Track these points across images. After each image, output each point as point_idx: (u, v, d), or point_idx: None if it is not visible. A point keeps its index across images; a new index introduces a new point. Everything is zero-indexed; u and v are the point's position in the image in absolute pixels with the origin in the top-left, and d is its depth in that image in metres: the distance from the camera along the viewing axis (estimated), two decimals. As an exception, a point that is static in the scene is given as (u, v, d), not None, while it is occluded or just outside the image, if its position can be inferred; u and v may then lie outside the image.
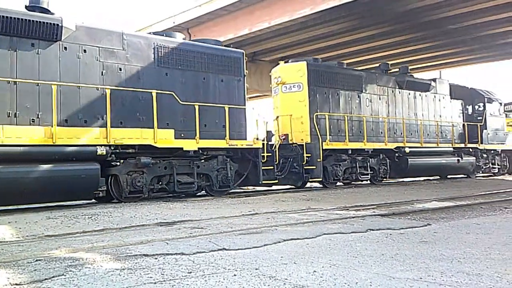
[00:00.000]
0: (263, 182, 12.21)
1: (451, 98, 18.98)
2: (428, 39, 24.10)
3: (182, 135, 10.71)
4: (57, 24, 9.20)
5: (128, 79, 10.18)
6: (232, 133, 11.54)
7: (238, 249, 4.47)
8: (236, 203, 9.47)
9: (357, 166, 14.97)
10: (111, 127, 9.59)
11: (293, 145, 13.54)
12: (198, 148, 10.91)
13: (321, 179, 13.89)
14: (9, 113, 8.53)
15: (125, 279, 3.38)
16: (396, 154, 16.25)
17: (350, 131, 14.87)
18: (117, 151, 9.76)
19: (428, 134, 17.62)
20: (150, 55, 10.59)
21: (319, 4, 18.24)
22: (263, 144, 12.27)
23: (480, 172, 20.02)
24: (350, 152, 14.74)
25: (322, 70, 14.65)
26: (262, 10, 19.83)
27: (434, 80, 18.70)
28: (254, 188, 13.66)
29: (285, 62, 15.36)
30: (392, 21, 21.21)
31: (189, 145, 10.77)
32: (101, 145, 9.42)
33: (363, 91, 15.59)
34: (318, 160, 13.61)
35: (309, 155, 13.53)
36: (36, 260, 4.07)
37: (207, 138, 11.09)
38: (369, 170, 15.36)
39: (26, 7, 9.29)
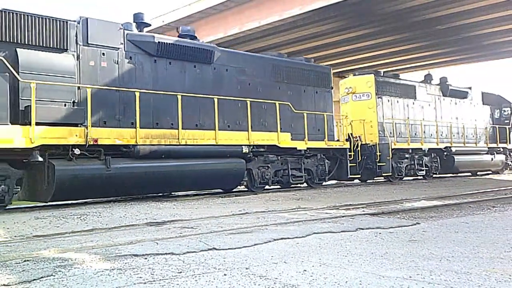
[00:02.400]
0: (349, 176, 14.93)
1: (482, 104, 21.96)
2: (417, 40, 24.27)
3: (295, 137, 13.23)
4: (211, 51, 11.81)
5: (253, 92, 12.59)
6: (328, 136, 14.27)
7: (229, 248, 4.47)
8: (226, 203, 9.46)
9: (415, 163, 17.66)
10: (254, 130, 12.31)
11: (369, 145, 16.10)
12: (307, 148, 13.48)
13: (390, 174, 16.37)
14: (187, 121, 10.95)
15: (115, 279, 3.36)
16: (445, 153, 18.98)
17: (409, 133, 17.54)
18: (253, 150, 12.20)
19: (466, 136, 20.42)
20: (267, 72, 13.14)
21: (308, 4, 18.29)
22: (350, 144, 14.98)
23: (509, 169, 23.04)
24: (410, 151, 17.44)
25: (386, 81, 17.43)
26: (252, 10, 19.84)
27: (470, 88, 21.37)
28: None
29: (353, 75, 18.12)
30: (381, 22, 21.33)
31: (301, 145, 13.37)
32: (245, 145, 11.97)
33: (416, 98, 18.38)
34: (388, 158, 16.18)
35: (380, 153, 16.06)
36: (25, 261, 4.03)
37: (311, 140, 13.62)
38: (424, 166, 18.05)
39: (179, 35, 11.95)
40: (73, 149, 9.06)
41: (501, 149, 22.24)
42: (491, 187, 13.16)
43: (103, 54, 10.06)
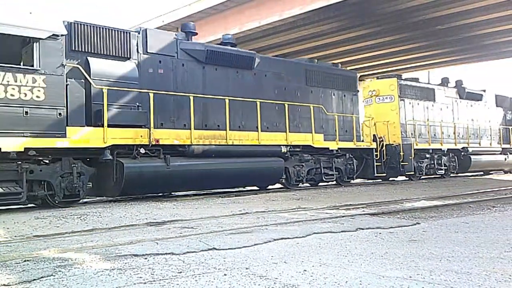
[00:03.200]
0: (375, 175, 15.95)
1: (496, 106, 22.86)
2: (417, 40, 24.26)
3: (326, 138, 14.18)
4: (252, 58, 12.81)
5: (289, 96, 13.53)
6: (356, 137, 15.28)
7: (229, 248, 4.47)
8: (226, 203, 9.46)
9: (435, 163, 18.55)
10: (292, 132, 13.24)
11: (393, 145, 16.99)
12: (338, 148, 14.40)
13: (413, 173, 17.25)
14: (223, 122, 11.75)
15: (115, 279, 3.36)
16: (462, 153, 19.89)
17: (429, 134, 18.45)
18: (290, 150, 13.09)
19: (481, 137, 21.42)
20: (301, 77, 14.06)
21: (308, 4, 18.29)
22: (376, 145, 15.98)
23: None
24: (430, 151, 18.35)
25: (407, 85, 18.32)
26: (252, 10, 19.84)
27: (484, 91, 22.27)
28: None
29: (377, 78, 19.17)
30: (381, 22, 21.32)
31: (333, 145, 14.28)
32: (283, 145, 12.89)
33: (435, 101, 19.28)
34: (410, 157, 17.01)
35: (403, 153, 16.97)
36: (25, 261, 4.03)
37: (341, 141, 14.53)
38: (443, 166, 18.94)
39: (221, 42, 13.00)
40: (139, 149, 10.08)
41: None
42: (491, 187, 13.16)
43: (160, 61, 11.03)
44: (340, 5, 18.27)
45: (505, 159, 22.30)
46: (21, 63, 8.74)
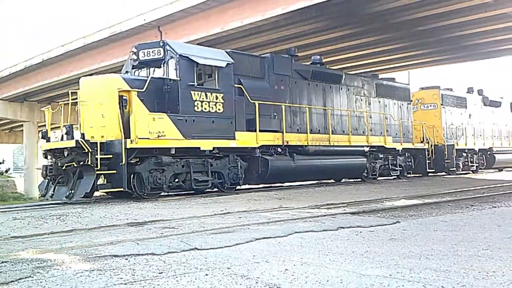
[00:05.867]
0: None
1: (510, 111, 26.80)
2: (399, 40, 24.48)
3: (395, 140, 17.58)
4: (340, 75, 16.07)
5: (365, 106, 16.74)
6: (412, 139, 18.84)
7: (210, 248, 4.45)
8: (208, 203, 9.43)
9: (469, 160, 22.42)
10: (370, 135, 16.51)
11: (439, 146, 20.12)
12: (402, 148, 17.80)
13: (455, 169, 20.62)
14: (324, 128, 14.93)
15: (95, 280, 3.32)
16: (488, 152, 23.90)
17: (465, 136, 22.11)
18: (369, 149, 16.29)
19: (502, 138, 25.40)
20: (372, 90, 17.28)
21: (290, 4, 18.29)
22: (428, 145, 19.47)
23: None
24: (466, 150, 22.12)
25: (447, 94, 21.87)
26: (234, 9, 19.76)
27: (502, 98, 26.44)
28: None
29: (421, 89, 22.34)
30: (363, 22, 21.46)
31: (398, 146, 17.64)
32: (365, 146, 16.19)
33: (467, 108, 22.99)
34: (453, 156, 20.51)
35: (447, 152, 20.17)
36: (2, 262, 3.96)
37: (404, 142, 17.99)
38: (474, 163, 22.80)
39: (312, 62, 15.96)
40: (276, 148, 13.21)
41: None
42: (470, 186, 13.38)
43: (281, 80, 13.83)
44: (323, 5, 18.32)
45: None
46: (199, 84, 11.48)
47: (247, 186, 13.73)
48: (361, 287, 3.03)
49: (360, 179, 16.47)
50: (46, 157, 10.69)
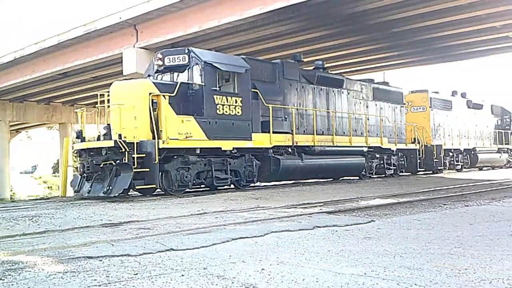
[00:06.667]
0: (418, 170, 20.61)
1: (491, 113, 28.36)
2: (374, 42, 24.77)
3: (389, 141, 18.74)
4: (343, 80, 17.26)
5: (363, 109, 17.91)
6: (405, 139, 20.04)
7: (186, 249, 4.43)
8: (185, 203, 9.37)
9: (454, 159, 23.85)
10: (368, 136, 17.61)
11: (428, 146, 21.39)
12: (396, 148, 19.07)
13: (442, 168, 22.09)
14: (328, 130, 16.02)
15: (68, 282, 3.27)
16: (472, 152, 25.36)
17: (451, 137, 23.66)
18: (367, 149, 17.41)
19: (483, 139, 26.85)
20: (370, 94, 18.48)
21: (268, 4, 18.30)
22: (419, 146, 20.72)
23: (509, 164, 29.22)
24: (452, 150, 23.67)
25: (435, 97, 23.14)
26: (212, 8, 19.66)
27: (483, 101, 27.94)
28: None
29: (411, 92, 23.40)
30: (339, 24, 21.64)
31: (393, 146, 18.90)
32: (364, 146, 17.28)
33: (452, 110, 24.25)
34: (441, 155, 21.93)
35: (435, 152, 21.52)
36: (-29, 265, 3.85)
37: (398, 143, 19.22)
38: (460, 162, 24.37)
39: (315, 67, 16.87)
40: (287, 149, 14.18)
41: (505, 149, 28.86)
42: (443, 186, 13.64)
43: (290, 84, 14.86)
44: (300, 6, 18.39)
45: (500, 156, 28.19)
46: (220, 89, 12.28)
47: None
48: (336, 286, 3.05)
49: (358, 177, 17.65)
50: (79, 156, 11.53)
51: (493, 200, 8.81)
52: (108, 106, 11.41)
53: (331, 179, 17.10)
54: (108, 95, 11.56)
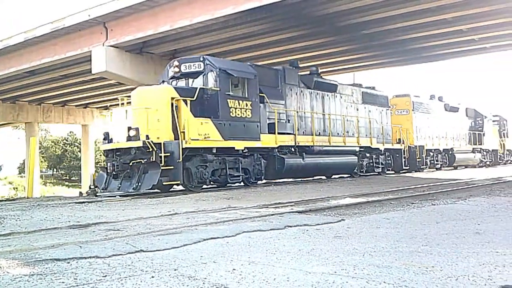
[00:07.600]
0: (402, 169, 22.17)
1: (466, 116, 30.46)
2: (345, 43, 25.10)
3: (378, 141, 20.37)
4: (336, 85, 18.70)
5: (354, 111, 19.30)
6: (391, 140, 21.70)
7: (157, 250, 4.38)
8: (155, 203, 9.27)
9: (434, 159, 25.81)
10: (360, 137, 19.12)
11: (411, 147, 22.99)
12: (384, 148, 20.78)
13: (424, 167, 24.13)
14: (324, 131, 17.33)
15: (35, 285, 3.19)
16: (450, 152, 27.34)
17: (431, 138, 25.53)
18: (359, 149, 18.96)
19: (459, 140, 28.73)
20: (359, 97, 19.91)
21: (240, 4, 18.32)
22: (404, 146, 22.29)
23: (482, 164, 31.16)
24: (433, 150, 25.56)
25: (417, 101, 24.92)
26: (184, 7, 19.54)
27: (459, 104, 29.91)
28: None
29: (395, 96, 24.66)
30: (310, 25, 21.83)
31: (381, 146, 20.55)
32: (356, 146, 18.82)
33: (431, 113, 25.99)
34: (423, 155, 23.91)
35: (418, 152, 23.32)
36: None
37: (385, 143, 20.88)
38: (439, 161, 26.39)
39: (310, 73, 18.19)
40: (290, 148, 15.41)
41: (479, 149, 31.04)
42: (410, 185, 13.91)
43: (291, 89, 16.09)
44: (272, 7, 18.48)
45: (474, 156, 30.36)
46: (233, 93, 13.34)
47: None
48: (307, 285, 3.07)
49: (350, 175, 19.00)
50: (106, 156, 12.42)
51: (459, 199, 9.02)
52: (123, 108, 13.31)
53: (298, 179, 17.22)
54: (124, 99, 13.18)
